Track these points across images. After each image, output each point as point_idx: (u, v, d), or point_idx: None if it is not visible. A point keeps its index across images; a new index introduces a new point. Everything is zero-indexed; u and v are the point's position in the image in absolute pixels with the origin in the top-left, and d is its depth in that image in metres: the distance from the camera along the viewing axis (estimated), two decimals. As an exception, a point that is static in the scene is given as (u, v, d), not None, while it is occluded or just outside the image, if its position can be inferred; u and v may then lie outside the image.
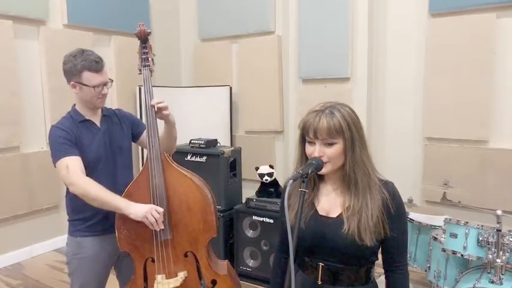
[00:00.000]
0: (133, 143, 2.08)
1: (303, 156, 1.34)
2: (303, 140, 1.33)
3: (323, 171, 1.27)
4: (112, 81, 1.91)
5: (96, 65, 1.80)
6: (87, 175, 1.81)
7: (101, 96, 1.86)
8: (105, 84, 1.85)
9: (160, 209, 1.75)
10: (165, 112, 1.87)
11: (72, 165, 1.74)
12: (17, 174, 3.62)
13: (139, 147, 4.36)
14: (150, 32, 1.90)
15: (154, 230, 1.77)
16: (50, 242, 3.94)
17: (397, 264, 1.35)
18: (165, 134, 1.98)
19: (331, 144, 1.26)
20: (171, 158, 1.89)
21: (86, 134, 1.86)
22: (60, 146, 1.77)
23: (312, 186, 1.36)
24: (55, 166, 1.79)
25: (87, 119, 1.88)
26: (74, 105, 1.91)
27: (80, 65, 1.78)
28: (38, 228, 3.85)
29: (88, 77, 1.80)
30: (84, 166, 1.81)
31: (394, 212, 1.29)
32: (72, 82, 1.82)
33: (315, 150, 1.27)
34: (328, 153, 1.26)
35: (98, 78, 1.81)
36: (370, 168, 1.30)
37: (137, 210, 1.72)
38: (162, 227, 1.75)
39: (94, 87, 1.81)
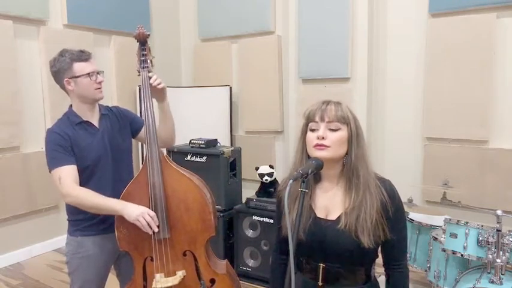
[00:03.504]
0: (133, 140, 2.08)
1: (303, 153, 1.34)
2: (306, 131, 1.32)
3: (324, 154, 1.25)
4: (102, 71, 1.91)
5: (83, 54, 1.83)
6: (87, 177, 1.82)
7: (98, 86, 1.86)
8: (97, 72, 1.86)
9: (152, 213, 1.75)
10: (159, 86, 1.87)
11: (65, 177, 1.74)
12: (17, 174, 3.62)
13: (139, 146, 4.37)
14: (149, 35, 1.90)
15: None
16: (50, 242, 3.94)
17: (396, 263, 1.35)
18: (161, 121, 1.97)
19: (335, 130, 1.27)
20: (170, 158, 1.89)
21: (84, 136, 1.84)
22: (54, 154, 1.77)
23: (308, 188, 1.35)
24: (50, 173, 1.79)
25: (85, 120, 1.87)
26: (70, 106, 1.90)
27: (68, 59, 1.80)
28: (38, 228, 3.85)
29: (79, 67, 1.81)
30: (84, 168, 1.82)
31: (393, 214, 1.28)
32: (65, 79, 1.81)
33: (319, 132, 1.26)
34: (331, 137, 1.26)
35: (89, 67, 1.83)
36: (370, 166, 1.31)
37: (130, 211, 1.72)
38: (156, 230, 1.75)
39: (89, 74, 1.81)
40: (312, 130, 1.29)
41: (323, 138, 1.25)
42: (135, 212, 1.72)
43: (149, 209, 1.76)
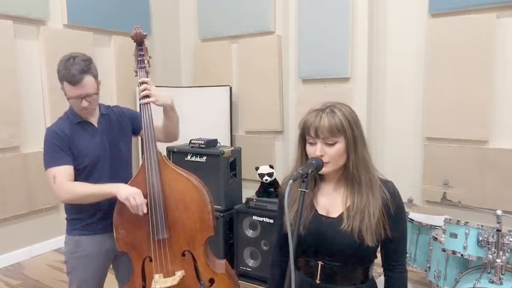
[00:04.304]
0: (133, 140, 2.08)
1: (303, 156, 1.34)
2: (303, 140, 1.32)
3: (324, 170, 1.26)
4: (97, 94, 1.80)
5: (73, 78, 1.72)
6: (85, 177, 1.82)
7: (81, 109, 1.80)
8: (83, 97, 1.75)
9: (143, 198, 1.74)
10: (150, 100, 1.85)
11: (59, 176, 1.74)
12: (17, 174, 3.63)
13: (139, 146, 4.37)
14: (145, 35, 1.91)
15: (151, 230, 1.78)
16: (50, 242, 3.94)
17: (395, 263, 1.35)
18: (163, 119, 1.97)
19: (332, 144, 1.25)
20: (168, 159, 1.90)
21: (82, 136, 1.84)
22: (51, 153, 1.77)
23: (311, 185, 1.35)
24: (45, 170, 1.79)
25: (84, 119, 1.87)
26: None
27: (61, 74, 1.75)
28: (38, 228, 3.86)
29: (67, 88, 1.76)
30: (83, 168, 1.82)
31: (394, 212, 1.28)
32: (61, 87, 1.81)
33: (316, 149, 1.25)
34: (329, 152, 1.25)
35: (73, 91, 1.74)
36: (371, 167, 1.30)
37: (124, 191, 1.73)
38: (145, 211, 1.74)
39: (69, 99, 1.78)
40: (310, 143, 1.29)
41: (321, 156, 1.25)
42: (128, 190, 1.73)
43: (141, 191, 1.75)
